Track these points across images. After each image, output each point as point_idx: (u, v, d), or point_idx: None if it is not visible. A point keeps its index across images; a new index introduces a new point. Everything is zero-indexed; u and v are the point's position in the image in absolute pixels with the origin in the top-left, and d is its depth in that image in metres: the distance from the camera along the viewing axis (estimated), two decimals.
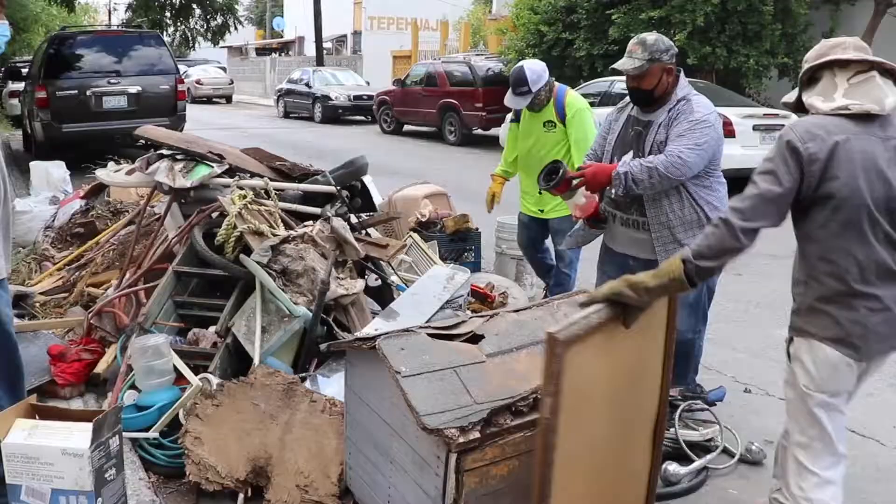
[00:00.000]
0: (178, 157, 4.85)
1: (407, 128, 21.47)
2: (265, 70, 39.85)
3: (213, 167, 4.75)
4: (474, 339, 3.01)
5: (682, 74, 3.95)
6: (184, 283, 4.48)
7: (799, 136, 2.54)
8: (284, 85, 27.76)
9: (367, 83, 27.11)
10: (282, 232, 4.34)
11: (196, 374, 3.75)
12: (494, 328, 3.05)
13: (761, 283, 6.73)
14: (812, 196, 2.55)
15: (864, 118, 2.56)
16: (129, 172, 4.99)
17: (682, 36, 14.22)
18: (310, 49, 39.13)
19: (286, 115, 26.89)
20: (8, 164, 3.11)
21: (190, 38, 17.22)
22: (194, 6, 17.22)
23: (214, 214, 4.60)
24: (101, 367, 4.06)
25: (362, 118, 24.83)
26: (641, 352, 2.87)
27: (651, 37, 3.86)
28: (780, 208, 2.55)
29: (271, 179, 4.83)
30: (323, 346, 3.22)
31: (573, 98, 5.22)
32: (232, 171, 4.88)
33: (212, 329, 4.21)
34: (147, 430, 3.53)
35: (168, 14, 16.94)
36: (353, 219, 4.75)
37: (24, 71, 15.59)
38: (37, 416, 2.89)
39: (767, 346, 5.28)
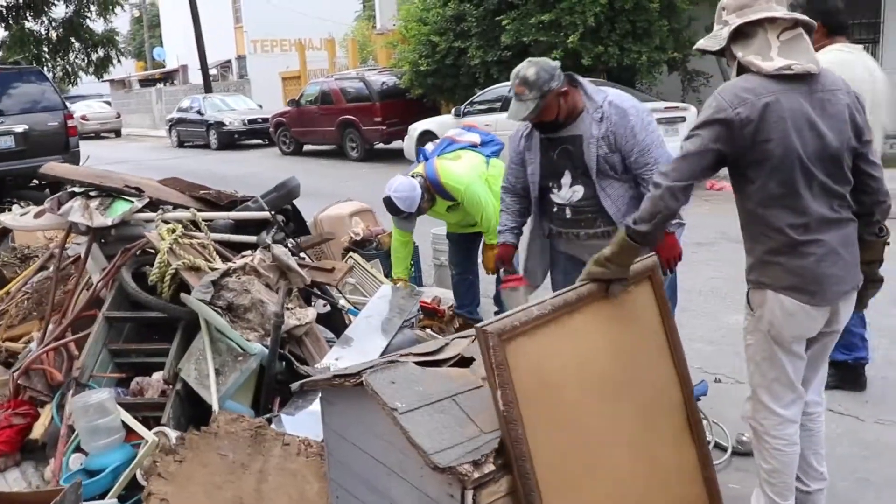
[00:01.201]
0: (92, 193, 4.48)
1: (307, 148, 21.14)
2: (152, 101, 38.81)
3: (132, 202, 4.40)
4: (463, 362, 2.80)
5: (580, 79, 3.75)
6: (117, 330, 4.13)
7: (729, 102, 2.63)
8: (175, 114, 27.05)
9: (260, 106, 26.63)
10: (220, 265, 4.04)
11: (149, 428, 3.43)
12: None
13: (696, 270, 6.72)
14: (748, 158, 2.66)
15: (793, 76, 2.64)
16: (38, 215, 4.59)
17: (575, 38, 14.34)
18: (194, 77, 38.31)
19: (180, 145, 26.25)
20: None
21: (72, 73, 16.41)
22: (73, 40, 16.42)
23: (139, 252, 4.26)
24: (37, 432, 3.66)
25: (259, 141, 24.40)
26: (632, 339, 2.82)
27: (531, 71, 3.56)
28: (703, 166, 2.69)
29: (198, 210, 4.51)
30: (294, 386, 2.95)
31: (451, 182, 4.78)
32: (153, 205, 4.54)
33: (156, 376, 3.89)
34: (102, 496, 3.19)
35: (46, 49, 16.12)
36: (291, 244, 4.47)
37: None
38: None
39: (722, 335, 5.26)
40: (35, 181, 13.02)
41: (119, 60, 17.52)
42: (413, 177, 4.81)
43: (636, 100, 3.75)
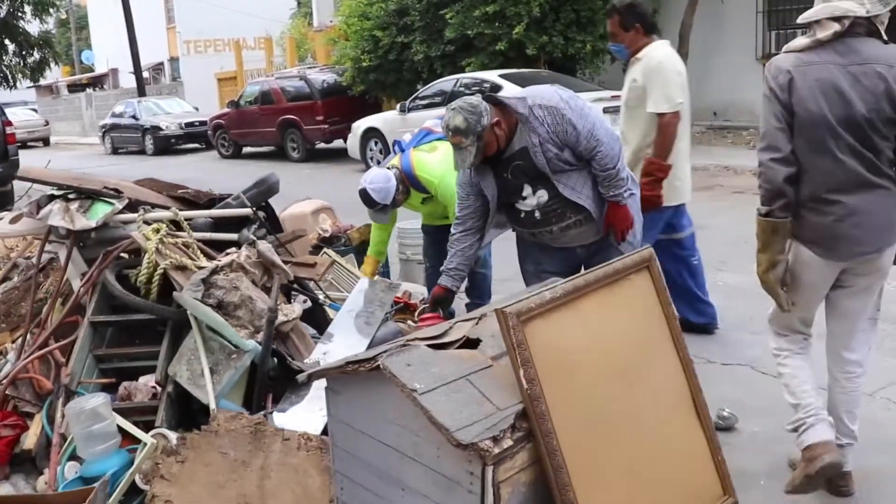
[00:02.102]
0: (71, 196, 4.41)
1: (246, 150, 20.92)
2: (81, 107, 37.93)
3: (112, 203, 4.34)
4: (469, 344, 2.85)
5: (502, 98, 3.82)
6: (100, 335, 4.08)
7: (771, 74, 3.12)
8: (108, 120, 26.52)
9: (196, 109, 26.25)
10: (205, 263, 4.02)
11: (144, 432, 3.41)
12: (488, 330, 2.89)
13: None
14: (790, 118, 3.03)
15: (824, 48, 3.01)
16: (15, 220, 4.49)
17: (520, 28, 14.47)
18: (126, 80, 37.64)
19: (115, 152, 25.75)
20: None
21: (10, 77, 16.01)
22: (7, 42, 15.99)
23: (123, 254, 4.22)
24: (30, 443, 3.57)
25: (196, 145, 24.08)
26: (637, 325, 2.92)
27: (458, 120, 3.62)
28: (785, 133, 3.04)
29: (178, 209, 4.47)
30: (302, 377, 2.95)
31: (425, 175, 4.82)
32: (131, 206, 4.49)
33: (143, 380, 3.85)
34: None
35: None
36: (271, 240, 4.47)
37: None
38: None
39: None
40: None
41: (56, 63, 17.16)
42: (389, 168, 4.82)
43: (559, 89, 3.82)
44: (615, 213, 3.83)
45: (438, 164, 4.75)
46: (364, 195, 4.78)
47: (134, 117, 24.91)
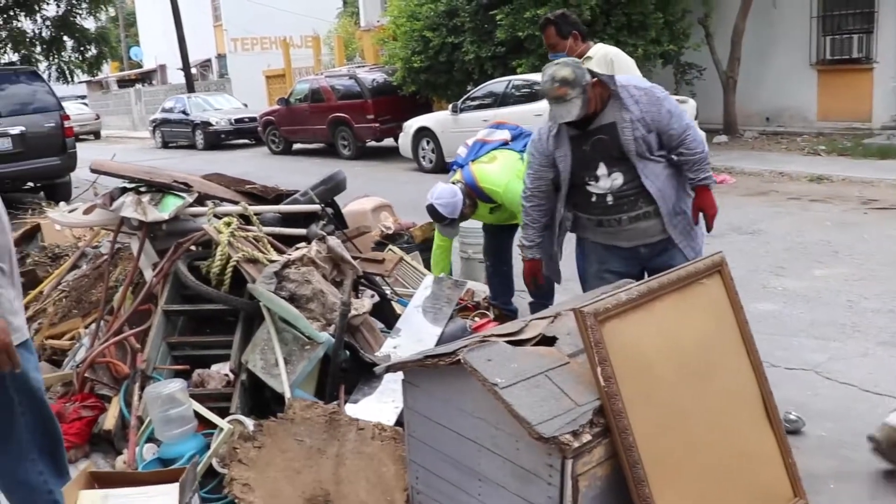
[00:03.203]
0: (142, 189, 4.53)
1: (296, 146, 21.08)
2: (131, 102, 38.46)
3: (183, 197, 4.46)
4: (545, 341, 2.90)
5: (595, 70, 3.89)
6: (172, 323, 4.19)
7: None
8: (159, 115, 26.85)
9: (245, 105, 26.53)
10: (276, 257, 4.12)
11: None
12: (563, 328, 2.95)
13: None
14: None
15: None
16: (88, 211, 4.62)
17: None
18: (174, 76, 38.13)
19: (165, 146, 26.08)
20: None
21: (68, 72, 16.39)
22: (65, 38, 16.38)
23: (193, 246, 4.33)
24: (109, 423, 3.71)
25: (246, 141, 24.28)
26: (710, 328, 2.95)
27: (567, 71, 3.63)
28: None
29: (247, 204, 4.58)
30: (379, 369, 3.03)
31: (489, 185, 4.82)
32: (201, 200, 4.60)
33: (215, 368, 3.96)
34: None
35: (39, 49, 16.07)
36: (339, 235, 4.56)
37: None
38: (96, 486, 2.61)
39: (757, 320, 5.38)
40: (30, 183, 12.96)
41: (113, 58, 17.54)
42: (454, 184, 4.87)
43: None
44: (705, 198, 3.84)
45: (501, 173, 4.79)
46: (432, 211, 4.82)
47: (184, 112, 25.25)
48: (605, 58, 4.93)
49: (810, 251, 7.22)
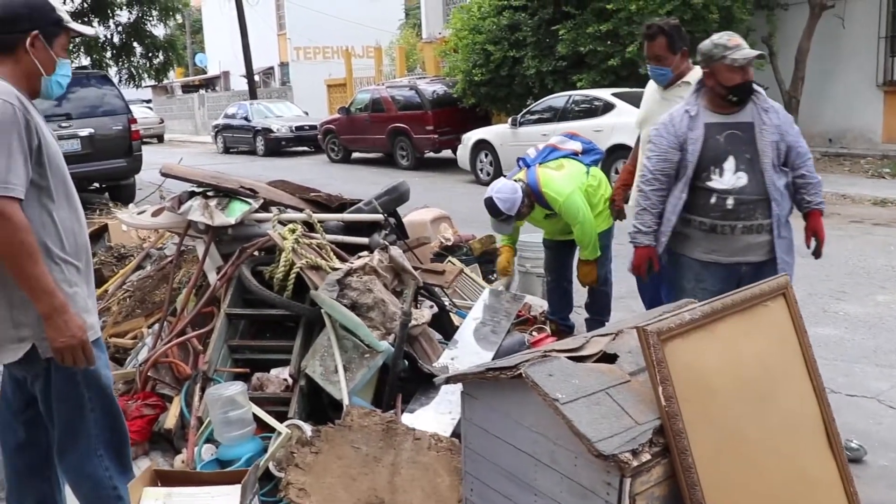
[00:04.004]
0: (209, 193, 4.62)
1: (355, 155, 21.28)
2: (194, 107, 39.27)
3: (249, 202, 4.54)
4: (606, 358, 2.90)
5: None
6: (234, 327, 4.27)
7: None
8: (221, 120, 27.40)
9: (306, 113, 26.86)
10: (338, 265, 4.17)
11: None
12: (625, 346, 2.94)
13: None
14: None
15: None
16: (157, 213, 4.73)
17: (634, 48, 14.35)
18: (237, 83, 38.73)
19: (226, 151, 26.59)
20: None
21: (136, 76, 16.87)
22: (135, 44, 16.86)
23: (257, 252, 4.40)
24: (170, 422, 3.78)
25: (306, 148, 24.58)
26: (772, 351, 2.92)
27: (731, 33, 3.90)
28: None
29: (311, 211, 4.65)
30: (438, 380, 3.04)
31: (550, 192, 4.74)
32: (266, 206, 4.68)
33: (275, 372, 4.02)
34: None
35: (109, 54, 16.56)
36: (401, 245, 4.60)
37: None
38: (159, 483, 2.67)
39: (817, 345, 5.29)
40: (95, 184, 13.26)
41: (180, 64, 18.01)
42: (516, 181, 4.87)
43: None
44: (818, 222, 3.90)
45: (565, 182, 4.74)
46: (490, 204, 4.76)
47: (246, 119, 25.67)
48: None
49: (873, 276, 7.08)
